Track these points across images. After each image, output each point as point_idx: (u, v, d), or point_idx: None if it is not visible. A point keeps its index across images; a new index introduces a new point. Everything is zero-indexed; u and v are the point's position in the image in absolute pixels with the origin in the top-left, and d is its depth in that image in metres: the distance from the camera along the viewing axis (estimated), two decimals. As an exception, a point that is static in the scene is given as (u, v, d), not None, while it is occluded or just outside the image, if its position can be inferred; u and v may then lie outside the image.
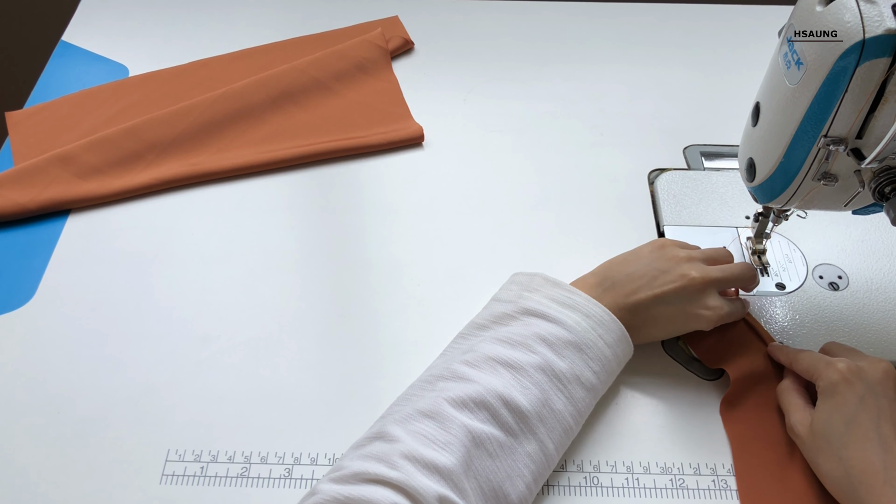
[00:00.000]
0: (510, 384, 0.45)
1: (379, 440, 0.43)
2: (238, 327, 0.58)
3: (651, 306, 0.52)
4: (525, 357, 0.47)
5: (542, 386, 0.46)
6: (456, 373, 0.46)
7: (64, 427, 0.52)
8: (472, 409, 0.44)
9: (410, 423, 0.43)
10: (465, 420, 0.43)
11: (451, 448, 0.42)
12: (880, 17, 0.39)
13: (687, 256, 0.53)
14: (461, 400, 0.44)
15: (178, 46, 0.82)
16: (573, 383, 0.47)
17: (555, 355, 0.47)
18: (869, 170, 0.44)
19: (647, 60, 0.82)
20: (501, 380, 0.45)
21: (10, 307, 0.59)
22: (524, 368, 0.46)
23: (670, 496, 0.49)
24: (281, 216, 0.66)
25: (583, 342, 0.48)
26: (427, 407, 0.44)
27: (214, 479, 0.50)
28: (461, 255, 0.63)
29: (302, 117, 0.74)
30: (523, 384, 0.46)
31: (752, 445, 0.51)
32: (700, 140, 0.73)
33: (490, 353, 0.47)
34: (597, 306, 0.50)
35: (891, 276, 0.60)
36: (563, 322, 0.49)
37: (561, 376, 0.47)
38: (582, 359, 0.48)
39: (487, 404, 0.44)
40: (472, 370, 0.46)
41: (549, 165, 0.71)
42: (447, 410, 0.43)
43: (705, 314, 0.52)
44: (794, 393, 0.51)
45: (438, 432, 0.42)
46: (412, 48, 0.83)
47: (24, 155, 0.70)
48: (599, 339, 0.49)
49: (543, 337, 0.48)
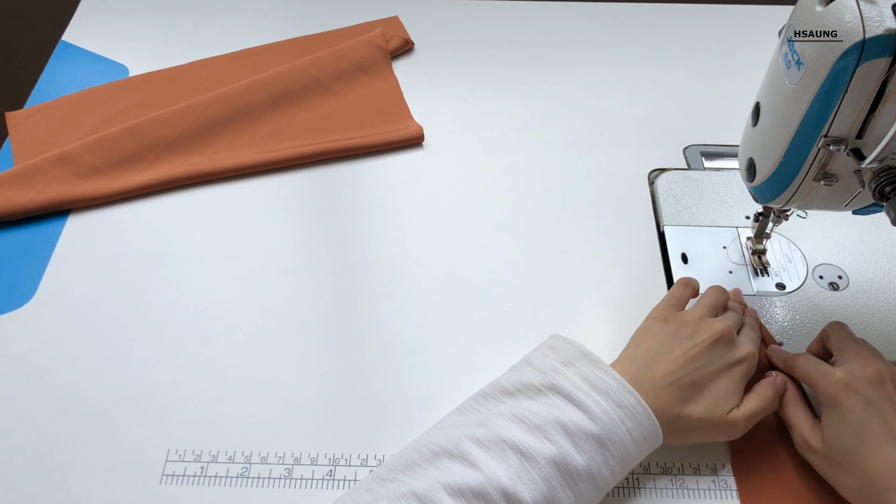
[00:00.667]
0: (517, 476, 0.42)
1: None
2: (238, 327, 0.58)
3: (694, 372, 0.48)
4: (540, 446, 0.43)
5: (551, 482, 0.42)
6: (463, 452, 0.43)
7: (64, 427, 0.52)
8: (471, 499, 0.41)
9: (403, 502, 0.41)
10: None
11: None
12: (880, 17, 0.39)
13: (698, 317, 0.51)
14: (459, 489, 0.41)
15: (178, 46, 0.82)
16: (585, 482, 0.44)
17: (573, 448, 0.43)
18: (869, 170, 0.44)
19: (646, 60, 0.82)
20: (509, 469, 0.42)
21: (10, 307, 0.59)
22: (536, 459, 0.42)
23: (670, 496, 0.49)
24: (281, 216, 0.66)
25: (607, 437, 0.44)
26: (422, 491, 0.41)
27: (214, 479, 0.50)
28: (461, 255, 0.63)
29: (302, 117, 0.74)
30: (531, 477, 0.42)
31: (751, 446, 0.51)
32: (700, 140, 0.73)
33: (504, 434, 0.43)
34: (632, 395, 0.45)
35: (891, 276, 0.60)
36: (591, 410, 0.44)
37: (574, 473, 0.43)
38: (602, 455, 0.44)
39: (488, 497, 0.41)
40: (481, 452, 0.43)
41: (549, 165, 0.71)
42: (441, 499, 0.41)
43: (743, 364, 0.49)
44: (798, 406, 0.50)
45: None
46: (412, 48, 0.83)
47: (24, 155, 0.70)
48: (627, 435, 0.45)
49: (565, 425, 0.44)
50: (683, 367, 0.48)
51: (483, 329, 0.58)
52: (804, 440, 0.48)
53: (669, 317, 0.52)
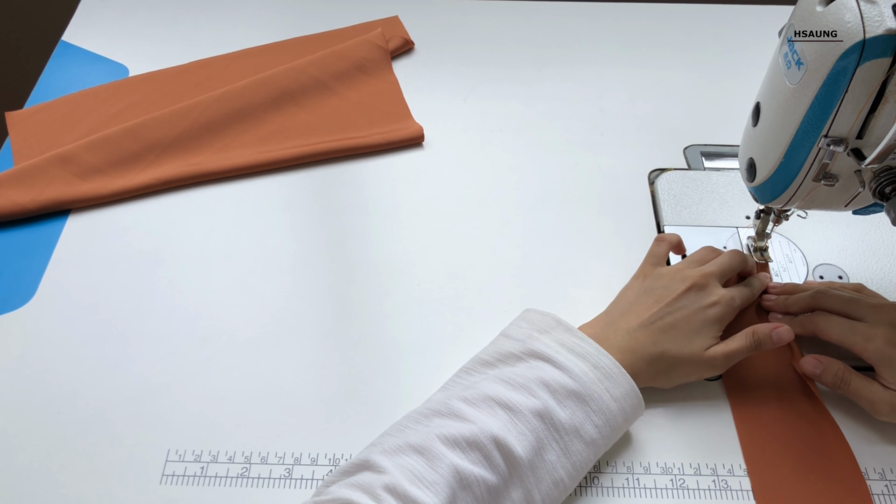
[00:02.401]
0: (506, 427, 0.44)
1: (366, 470, 0.42)
2: (238, 327, 0.58)
3: (666, 316, 0.51)
4: (525, 400, 0.45)
5: (538, 434, 0.45)
6: (453, 410, 0.45)
7: (64, 427, 0.52)
8: (465, 448, 0.43)
9: (399, 456, 0.42)
10: (455, 460, 0.42)
11: (436, 488, 0.40)
12: (881, 17, 0.39)
13: (676, 268, 0.54)
14: (454, 438, 0.43)
15: (178, 46, 0.82)
16: (571, 435, 0.46)
17: (556, 403, 0.46)
18: (869, 170, 0.44)
19: (647, 60, 0.82)
20: (498, 421, 0.44)
21: (10, 307, 0.59)
22: (522, 412, 0.45)
23: (670, 496, 0.49)
24: (281, 216, 0.66)
25: (587, 393, 0.47)
26: (418, 442, 0.43)
27: (214, 479, 0.50)
28: (461, 255, 0.63)
29: (302, 117, 0.74)
30: (519, 429, 0.44)
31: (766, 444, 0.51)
32: (700, 140, 0.73)
33: (490, 392, 0.46)
34: (606, 357, 0.48)
35: (891, 276, 0.60)
36: (570, 370, 0.47)
37: (559, 426, 0.45)
38: (584, 411, 0.46)
39: (481, 445, 0.43)
40: (470, 408, 0.45)
41: (549, 165, 0.71)
42: (438, 448, 0.42)
43: (717, 306, 0.52)
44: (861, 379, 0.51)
45: (426, 470, 0.41)
46: (412, 48, 0.83)
47: (24, 155, 0.70)
48: (605, 392, 0.47)
49: (547, 382, 0.46)
50: (657, 312, 0.52)
51: (483, 329, 0.57)
52: (895, 404, 0.49)
53: (648, 273, 0.56)
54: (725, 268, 0.55)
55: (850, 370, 0.52)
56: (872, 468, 0.50)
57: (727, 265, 0.55)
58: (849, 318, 0.52)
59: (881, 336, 0.50)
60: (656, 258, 0.57)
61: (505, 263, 0.62)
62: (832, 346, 0.53)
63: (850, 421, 0.52)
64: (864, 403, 0.51)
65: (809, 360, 0.53)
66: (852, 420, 0.52)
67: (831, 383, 0.52)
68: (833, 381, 0.52)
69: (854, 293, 0.54)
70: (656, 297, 0.53)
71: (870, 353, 0.50)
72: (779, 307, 0.56)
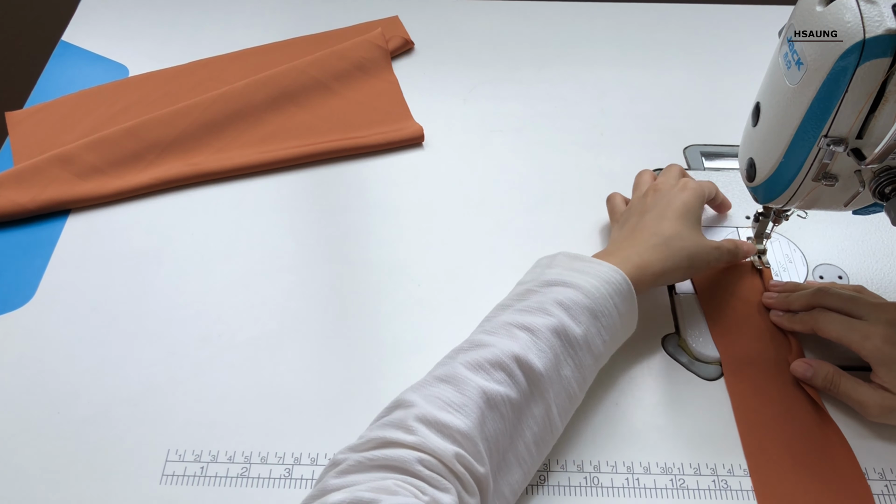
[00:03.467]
0: (527, 346, 0.46)
1: (397, 408, 0.43)
2: (238, 327, 0.58)
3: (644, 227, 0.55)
4: (541, 320, 0.47)
5: (556, 350, 0.46)
6: (473, 342, 0.47)
7: (64, 427, 0.52)
8: (489, 370, 0.44)
9: (426, 388, 0.44)
10: (480, 382, 0.43)
11: (466, 410, 0.42)
12: (880, 17, 0.39)
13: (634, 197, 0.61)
14: (477, 363, 0.45)
15: (178, 46, 0.82)
16: (584, 350, 0.48)
17: (571, 319, 0.48)
18: (869, 170, 0.44)
19: (647, 60, 0.82)
20: (518, 342, 0.46)
21: (10, 307, 0.59)
22: (540, 330, 0.46)
23: (670, 496, 0.49)
24: (281, 216, 0.66)
25: (599, 309, 0.49)
26: (443, 372, 0.45)
27: (214, 479, 0.50)
28: (461, 255, 0.63)
29: (302, 117, 0.74)
30: (539, 346, 0.46)
31: (767, 443, 0.51)
32: (700, 140, 0.73)
33: (508, 319, 0.48)
34: (617, 273, 0.50)
35: (891, 276, 0.60)
36: (582, 287, 0.49)
37: (574, 342, 0.47)
38: (595, 326, 0.49)
39: (504, 365, 0.45)
40: (489, 336, 0.47)
41: (549, 165, 0.71)
42: (463, 373, 0.44)
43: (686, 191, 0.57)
44: (851, 381, 0.51)
45: (454, 395, 0.43)
46: (412, 48, 0.83)
47: (24, 155, 0.70)
48: (615, 309, 0.49)
49: (561, 301, 0.48)
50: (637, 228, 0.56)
51: (483, 329, 0.57)
52: (885, 406, 0.50)
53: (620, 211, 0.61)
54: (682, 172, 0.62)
55: (840, 372, 0.52)
56: (872, 468, 0.50)
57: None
58: (848, 316, 0.52)
59: (879, 334, 0.50)
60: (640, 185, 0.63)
61: (505, 263, 0.62)
62: (832, 344, 0.53)
63: (849, 421, 0.52)
64: (854, 405, 0.51)
65: (800, 363, 0.53)
66: (852, 420, 0.52)
67: (822, 386, 0.52)
68: (823, 384, 0.52)
69: (855, 293, 0.54)
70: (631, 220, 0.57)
71: (867, 351, 0.50)
72: (780, 304, 0.57)
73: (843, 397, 0.52)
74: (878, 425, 0.52)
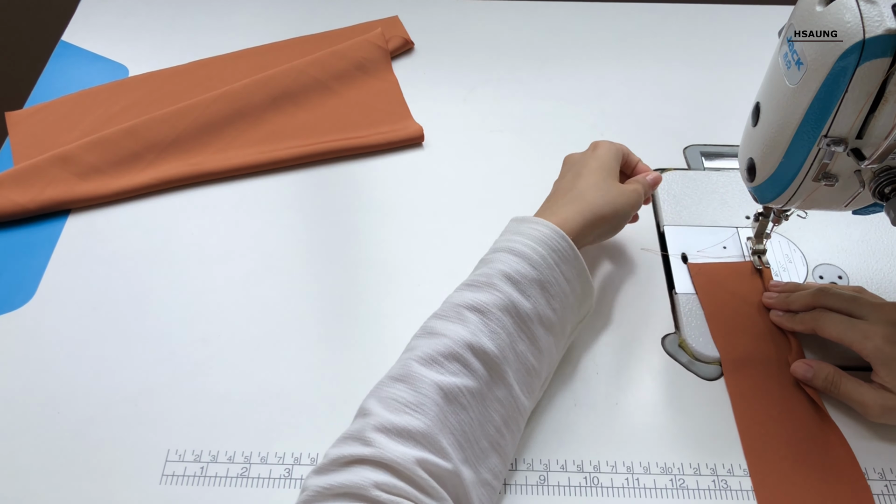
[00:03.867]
0: (478, 330, 0.45)
1: (358, 417, 0.44)
2: (238, 327, 0.58)
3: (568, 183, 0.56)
4: (490, 298, 0.47)
5: (508, 329, 0.46)
6: (426, 329, 0.47)
7: (64, 427, 0.52)
8: (442, 363, 0.44)
9: (383, 391, 0.44)
10: (435, 377, 0.43)
11: (422, 409, 0.42)
12: (880, 17, 0.39)
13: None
14: (430, 357, 0.44)
15: (178, 46, 0.82)
16: (535, 323, 0.48)
17: (519, 294, 0.47)
18: (869, 170, 0.44)
19: (647, 60, 0.82)
20: (469, 327, 0.46)
21: (10, 307, 0.59)
22: (490, 311, 0.46)
23: (670, 496, 0.49)
24: (281, 216, 0.66)
25: (546, 280, 0.49)
26: (398, 371, 0.44)
27: (214, 479, 0.50)
28: (461, 255, 0.63)
29: (302, 117, 0.74)
30: (491, 328, 0.46)
31: (767, 443, 0.51)
32: (700, 140, 0.73)
33: (458, 300, 0.47)
34: (563, 238, 0.50)
35: (891, 276, 0.60)
36: (529, 256, 0.49)
37: (524, 317, 0.47)
38: (545, 297, 0.48)
39: (457, 355, 0.44)
40: (441, 322, 0.47)
41: (549, 165, 0.71)
42: (416, 370, 0.44)
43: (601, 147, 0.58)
44: (851, 381, 0.51)
45: (409, 394, 0.43)
46: (412, 48, 0.83)
47: (24, 155, 0.70)
48: (561, 276, 0.49)
49: (509, 275, 0.48)
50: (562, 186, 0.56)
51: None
52: (886, 406, 0.50)
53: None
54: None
55: (840, 373, 0.52)
56: (872, 468, 0.50)
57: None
58: (849, 316, 0.52)
59: (880, 334, 0.50)
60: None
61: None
62: (832, 344, 0.53)
63: (849, 421, 0.52)
64: (855, 406, 0.51)
65: (800, 364, 0.53)
66: (852, 420, 0.52)
67: (822, 387, 0.52)
68: (824, 385, 0.52)
69: (855, 293, 0.54)
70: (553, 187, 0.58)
71: (868, 351, 0.50)
72: (780, 305, 0.57)
73: (844, 398, 0.52)
74: (878, 425, 0.52)
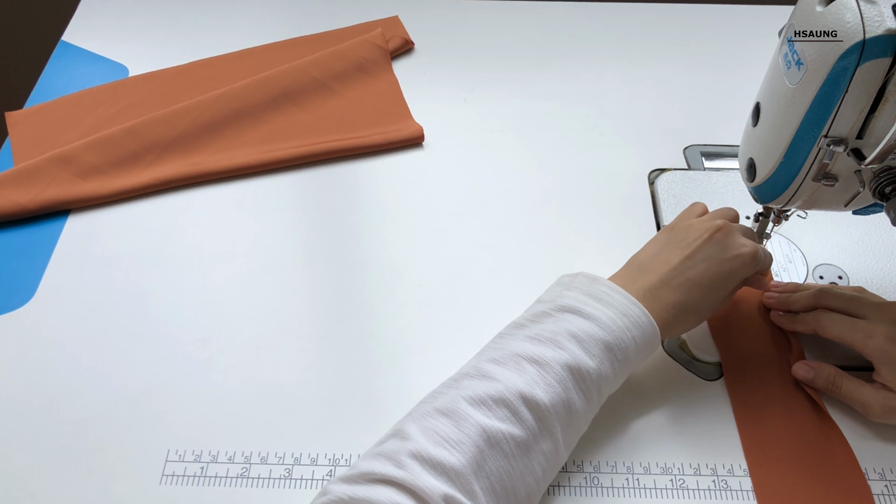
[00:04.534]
0: (534, 381, 0.44)
1: (394, 437, 0.43)
2: (238, 327, 0.58)
3: (686, 269, 0.50)
4: (553, 353, 0.45)
5: (566, 385, 0.45)
6: (481, 371, 0.45)
7: (64, 427, 0.52)
8: (491, 406, 0.43)
9: (426, 421, 0.43)
10: (480, 419, 0.42)
11: (461, 447, 0.41)
12: (880, 17, 0.39)
13: (700, 219, 0.53)
14: (479, 398, 0.43)
15: (178, 46, 0.82)
16: (596, 384, 0.46)
17: (584, 353, 0.46)
18: (869, 170, 0.44)
19: (646, 60, 0.82)
20: (525, 377, 0.44)
21: (10, 307, 0.59)
22: (550, 365, 0.45)
23: (670, 496, 0.49)
24: (281, 216, 0.66)
25: (615, 342, 0.47)
26: (445, 405, 0.43)
27: (214, 479, 0.50)
28: (461, 255, 0.63)
29: (302, 117, 0.74)
30: (547, 381, 0.44)
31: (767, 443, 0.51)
32: (700, 140, 0.73)
33: (518, 350, 0.46)
34: (635, 306, 0.48)
35: (891, 276, 0.60)
36: (598, 319, 0.47)
37: (586, 376, 0.45)
38: (610, 359, 0.47)
39: (507, 402, 0.43)
40: (497, 367, 0.45)
41: (549, 165, 0.71)
42: (464, 409, 0.43)
43: (742, 251, 0.51)
44: (853, 381, 0.51)
45: (452, 430, 0.42)
46: (412, 48, 0.83)
47: (24, 155, 0.70)
48: (632, 342, 0.47)
49: (575, 334, 0.46)
50: (679, 265, 0.50)
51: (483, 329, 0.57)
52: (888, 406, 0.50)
53: (676, 225, 0.54)
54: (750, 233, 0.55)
55: (841, 373, 0.52)
56: (872, 468, 0.50)
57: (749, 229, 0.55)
58: (850, 316, 0.52)
59: (882, 333, 0.50)
60: (689, 216, 0.56)
61: (505, 263, 0.62)
62: (832, 344, 0.53)
63: (849, 421, 0.52)
64: (857, 406, 0.51)
65: (801, 365, 0.53)
66: (852, 420, 0.52)
67: (823, 387, 0.52)
68: (825, 385, 0.52)
69: (856, 293, 0.54)
70: (679, 248, 0.51)
71: (870, 350, 0.50)
72: (781, 305, 0.56)
73: (845, 398, 0.52)
74: (878, 425, 0.52)
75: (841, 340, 0.52)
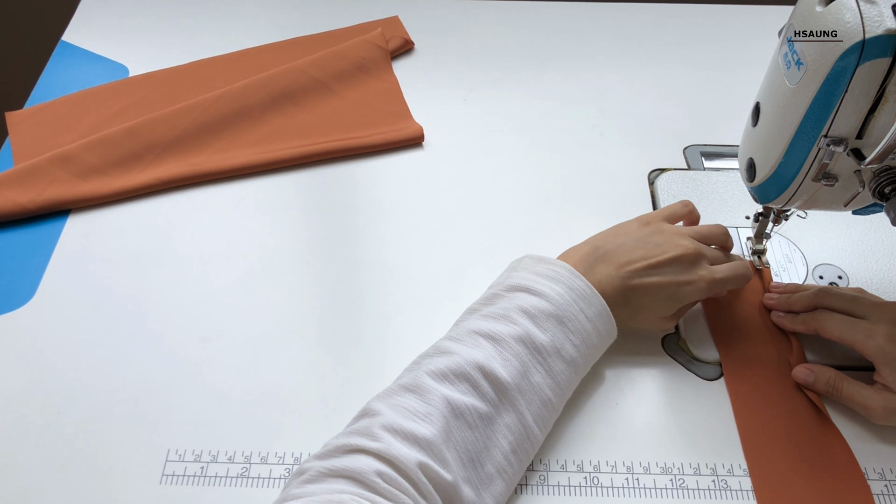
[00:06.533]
0: (491, 356, 0.46)
1: (364, 416, 0.44)
2: (238, 327, 0.58)
3: (644, 276, 0.51)
4: (506, 328, 0.47)
5: (522, 358, 0.47)
6: (440, 349, 0.47)
7: (64, 427, 0.52)
8: (453, 380, 0.45)
9: (392, 398, 0.44)
10: (445, 391, 0.44)
11: (431, 419, 0.43)
12: (880, 17, 0.39)
13: (677, 231, 0.54)
14: (441, 372, 0.45)
15: (178, 46, 0.82)
16: (553, 356, 0.48)
17: (536, 327, 0.48)
18: (869, 170, 0.44)
19: (646, 60, 0.82)
20: (482, 351, 0.46)
21: (10, 307, 0.59)
22: (505, 340, 0.47)
23: (670, 496, 0.49)
24: (281, 216, 0.66)
25: (564, 315, 0.49)
26: (409, 382, 0.45)
27: (214, 479, 0.50)
28: (461, 255, 0.63)
29: (302, 117, 0.74)
30: (504, 356, 0.46)
31: (767, 443, 0.51)
32: (700, 140, 0.73)
33: (474, 327, 0.48)
34: (579, 279, 0.50)
35: (891, 276, 0.60)
36: (546, 294, 0.49)
37: (541, 349, 0.47)
38: (563, 331, 0.48)
39: (468, 375, 0.45)
40: (455, 343, 0.47)
41: (549, 165, 0.71)
42: (427, 383, 0.44)
43: (698, 281, 0.52)
44: (854, 384, 0.51)
45: (419, 404, 0.43)
46: (412, 48, 0.83)
47: (24, 155, 0.70)
48: (581, 313, 0.49)
49: (525, 309, 0.48)
50: (638, 268, 0.51)
51: (483, 329, 0.58)
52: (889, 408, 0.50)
53: (653, 222, 0.56)
54: (717, 255, 0.56)
55: (841, 376, 0.52)
56: (872, 468, 0.50)
57: (719, 254, 0.56)
58: (851, 316, 0.52)
59: (882, 333, 0.50)
60: (671, 215, 0.57)
61: (505, 263, 0.62)
62: (833, 345, 0.53)
63: (849, 421, 0.52)
64: (858, 408, 0.51)
65: (801, 369, 0.53)
66: (852, 420, 0.52)
67: (824, 391, 0.52)
68: (825, 389, 0.52)
69: (856, 294, 0.54)
70: (645, 252, 0.52)
71: (871, 350, 0.50)
72: (781, 305, 0.56)
73: (846, 401, 0.52)
74: (877, 426, 0.52)
75: (841, 341, 0.52)
